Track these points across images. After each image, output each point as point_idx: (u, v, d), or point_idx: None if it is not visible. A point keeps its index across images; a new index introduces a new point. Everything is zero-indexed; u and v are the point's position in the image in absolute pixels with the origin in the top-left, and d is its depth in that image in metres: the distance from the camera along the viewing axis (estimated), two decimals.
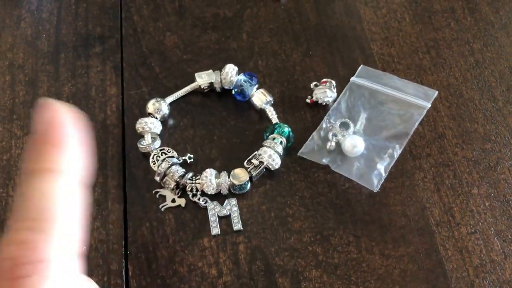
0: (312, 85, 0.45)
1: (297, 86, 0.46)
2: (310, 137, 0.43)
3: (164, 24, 0.49)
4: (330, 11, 0.50)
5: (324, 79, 0.45)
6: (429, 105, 0.44)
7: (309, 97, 0.45)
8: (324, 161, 0.41)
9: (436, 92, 0.45)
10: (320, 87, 0.44)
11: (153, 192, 0.40)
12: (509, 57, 0.47)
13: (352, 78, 0.46)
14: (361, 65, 0.46)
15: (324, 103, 0.44)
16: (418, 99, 0.44)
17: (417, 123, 0.43)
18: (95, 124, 0.43)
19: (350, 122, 0.42)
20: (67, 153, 0.21)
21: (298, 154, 0.42)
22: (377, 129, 0.43)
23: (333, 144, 0.41)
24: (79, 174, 0.22)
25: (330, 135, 0.42)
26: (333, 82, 0.44)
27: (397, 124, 0.43)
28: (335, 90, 0.44)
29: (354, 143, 0.41)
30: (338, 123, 0.43)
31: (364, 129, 0.43)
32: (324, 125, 0.43)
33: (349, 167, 0.41)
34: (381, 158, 0.41)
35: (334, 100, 0.44)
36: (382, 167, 0.40)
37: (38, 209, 0.20)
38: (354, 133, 0.42)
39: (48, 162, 0.21)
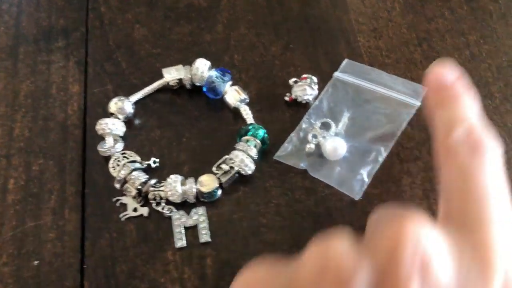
0: (291, 82, 0.41)
1: (276, 83, 0.42)
2: (288, 139, 0.39)
3: (134, 16, 0.46)
4: (314, 1, 0.47)
5: (304, 75, 0.41)
6: (419, 103, 0.40)
7: (287, 94, 0.41)
8: (302, 165, 0.38)
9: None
10: (299, 83, 0.40)
11: (113, 200, 0.37)
12: (507, 50, 0.43)
13: (336, 74, 0.42)
14: (346, 59, 0.43)
15: (305, 102, 0.40)
16: (408, 96, 0.40)
17: (405, 123, 0.39)
18: (54, 124, 0.40)
19: (332, 122, 0.39)
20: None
21: (274, 158, 0.38)
22: (361, 130, 0.39)
23: (312, 146, 0.38)
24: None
25: (309, 136, 0.38)
26: (314, 78, 0.41)
27: (383, 124, 0.39)
28: (316, 87, 0.40)
29: (335, 145, 0.37)
30: (318, 123, 0.39)
31: (347, 130, 0.39)
32: (303, 126, 0.39)
33: (329, 172, 0.37)
34: (365, 162, 0.37)
35: (316, 98, 0.41)
36: (365, 173, 0.37)
37: None
38: (336, 134, 0.38)
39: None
